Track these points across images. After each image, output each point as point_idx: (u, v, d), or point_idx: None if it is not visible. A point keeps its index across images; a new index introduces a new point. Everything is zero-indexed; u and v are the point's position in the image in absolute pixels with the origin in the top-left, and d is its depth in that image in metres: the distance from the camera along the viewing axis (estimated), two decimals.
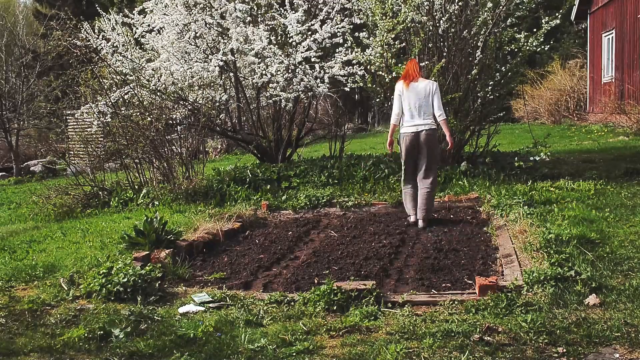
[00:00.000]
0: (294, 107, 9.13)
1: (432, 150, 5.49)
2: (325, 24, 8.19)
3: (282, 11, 8.58)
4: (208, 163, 10.53)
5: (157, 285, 3.89)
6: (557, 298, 3.27)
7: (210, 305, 3.60)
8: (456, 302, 3.38)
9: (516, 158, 7.89)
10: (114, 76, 8.35)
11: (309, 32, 8.19)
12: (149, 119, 7.63)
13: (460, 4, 7.33)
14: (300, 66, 8.23)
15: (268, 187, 7.39)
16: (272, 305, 3.53)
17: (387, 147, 5.86)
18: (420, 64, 7.46)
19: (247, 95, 8.80)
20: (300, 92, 8.34)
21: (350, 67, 8.24)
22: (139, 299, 3.68)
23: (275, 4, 8.63)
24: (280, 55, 8.09)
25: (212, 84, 8.69)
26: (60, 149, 10.71)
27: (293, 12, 8.27)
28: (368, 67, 7.64)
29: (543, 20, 7.47)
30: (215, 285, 4.07)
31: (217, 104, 8.74)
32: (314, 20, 8.25)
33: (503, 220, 5.20)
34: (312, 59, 8.17)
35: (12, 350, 3.02)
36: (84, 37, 8.84)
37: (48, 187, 8.90)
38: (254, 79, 8.48)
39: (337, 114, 9.90)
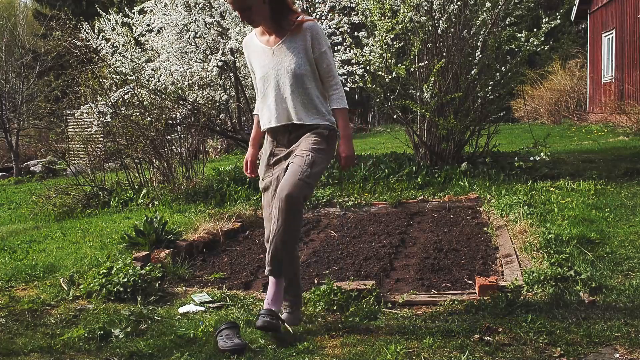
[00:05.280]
0: None
1: None
2: (320, 22, 8.18)
3: None
4: (208, 163, 10.53)
5: (157, 285, 3.89)
6: (557, 298, 3.27)
7: (210, 305, 3.60)
8: (456, 302, 3.38)
9: (516, 158, 7.89)
10: (114, 76, 8.35)
11: None
12: (149, 119, 7.63)
13: (459, 3, 7.33)
14: None
15: None
16: None
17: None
18: (420, 64, 7.48)
19: (247, 95, 8.79)
20: None
21: (349, 66, 8.23)
22: (139, 299, 3.68)
23: None
24: None
25: (212, 83, 8.70)
26: (60, 149, 10.71)
27: None
28: (367, 67, 7.64)
29: (543, 20, 7.48)
30: (215, 285, 4.07)
31: (217, 104, 8.74)
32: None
33: (503, 220, 5.20)
34: None
35: (12, 350, 3.02)
36: (84, 37, 8.85)
37: (48, 187, 8.90)
38: None
39: None
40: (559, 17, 7.60)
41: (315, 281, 4.02)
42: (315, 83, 2.98)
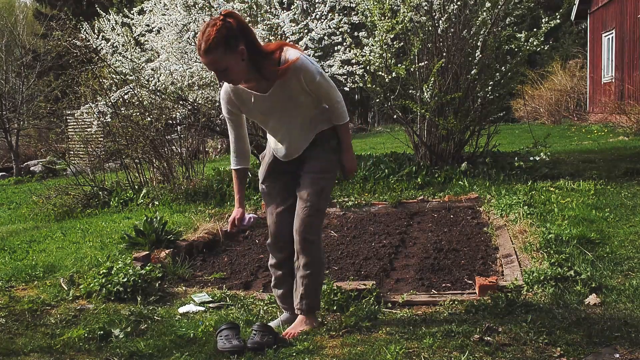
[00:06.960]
0: None
1: None
2: (320, 22, 8.17)
3: (277, 11, 8.55)
4: (208, 163, 10.54)
5: (157, 285, 3.89)
6: (557, 298, 3.27)
7: (210, 305, 3.60)
8: (456, 302, 3.38)
9: (516, 158, 7.89)
10: (114, 76, 8.35)
11: (306, 31, 8.18)
12: (149, 119, 7.63)
13: (459, 3, 7.33)
14: None
15: None
16: (272, 305, 3.53)
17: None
18: (420, 64, 7.47)
19: None
20: None
21: (349, 66, 8.22)
22: (139, 299, 3.68)
23: (266, 5, 8.60)
24: None
25: (212, 83, 8.69)
26: (60, 149, 10.71)
27: (285, 11, 8.25)
28: (367, 67, 7.63)
29: (543, 20, 7.47)
30: (215, 285, 4.07)
31: (217, 104, 8.73)
32: (309, 18, 8.24)
33: (503, 220, 5.20)
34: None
35: (12, 350, 3.02)
36: (84, 37, 8.84)
37: (48, 187, 8.91)
38: None
39: None
40: (559, 17, 7.60)
41: None
42: (317, 104, 2.90)
